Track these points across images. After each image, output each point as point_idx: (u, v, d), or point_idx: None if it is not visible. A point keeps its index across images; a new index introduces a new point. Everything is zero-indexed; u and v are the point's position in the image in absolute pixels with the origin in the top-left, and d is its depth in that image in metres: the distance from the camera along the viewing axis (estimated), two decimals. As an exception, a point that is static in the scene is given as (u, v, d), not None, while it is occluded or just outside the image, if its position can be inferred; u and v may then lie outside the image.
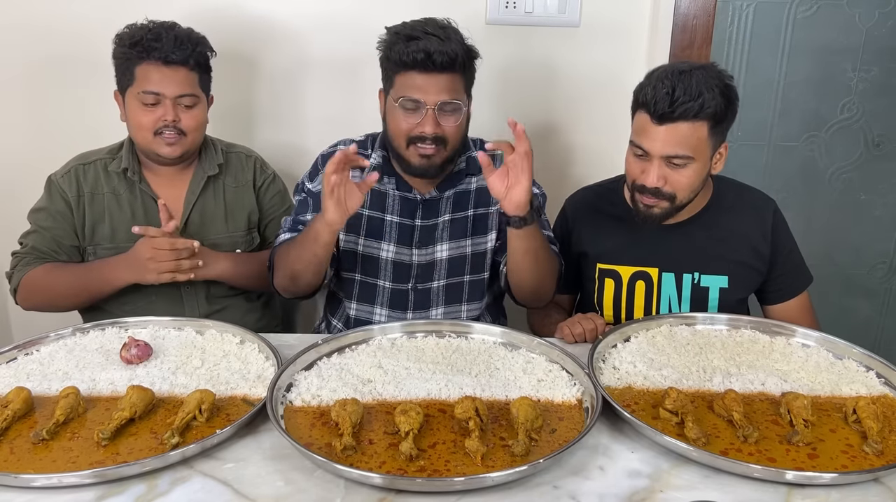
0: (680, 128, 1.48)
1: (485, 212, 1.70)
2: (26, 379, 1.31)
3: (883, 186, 2.39)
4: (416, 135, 1.55)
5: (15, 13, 2.05)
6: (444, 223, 1.68)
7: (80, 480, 1.05)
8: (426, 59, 1.49)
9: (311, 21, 2.08)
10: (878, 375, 1.34)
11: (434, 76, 1.51)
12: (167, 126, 1.66)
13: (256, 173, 1.86)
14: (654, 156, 1.51)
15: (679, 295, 1.66)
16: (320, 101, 2.15)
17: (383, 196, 1.68)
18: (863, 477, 1.07)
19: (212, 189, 1.80)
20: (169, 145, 1.68)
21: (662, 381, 1.30)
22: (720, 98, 1.48)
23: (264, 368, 1.36)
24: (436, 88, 1.52)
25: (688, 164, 1.51)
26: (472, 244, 1.71)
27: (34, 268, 1.70)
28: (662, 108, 1.46)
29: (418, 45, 1.49)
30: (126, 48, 1.65)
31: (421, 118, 1.53)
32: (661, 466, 1.11)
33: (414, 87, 1.52)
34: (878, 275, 2.50)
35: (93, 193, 1.75)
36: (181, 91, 1.66)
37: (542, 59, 2.12)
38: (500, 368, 1.35)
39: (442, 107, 1.53)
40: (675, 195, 1.55)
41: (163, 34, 1.64)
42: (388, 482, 1.04)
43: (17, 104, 2.13)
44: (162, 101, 1.65)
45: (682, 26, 2.08)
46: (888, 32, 2.23)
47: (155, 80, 1.64)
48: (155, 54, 1.63)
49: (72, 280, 1.70)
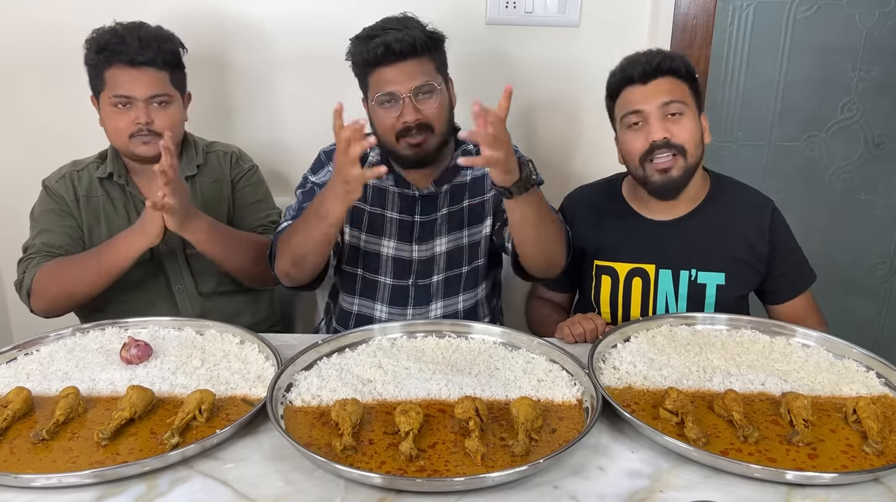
0: (664, 83, 1.56)
1: (480, 201, 1.70)
2: (26, 379, 1.31)
3: (883, 186, 2.39)
4: (401, 129, 1.55)
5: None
6: (443, 217, 1.69)
7: (80, 480, 1.05)
8: (387, 51, 1.51)
9: (292, 18, 2.08)
10: (878, 375, 1.34)
11: (400, 65, 1.52)
12: (141, 129, 1.65)
13: (232, 166, 1.85)
14: (651, 111, 1.55)
15: (676, 292, 1.66)
16: (298, 98, 2.15)
17: (383, 192, 1.68)
18: (863, 477, 1.07)
19: (191, 189, 1.78)
20: (145, 144, 1.67)
21: (662, 381, 1.30)
22: (686, 61, 1.61)
23: (264, 368, 1.36)
24: (404, 76, 1.53)
25: (684, 113, 1.56)
26: (469, 235, 1.71)
27: (43, 265, 1.66)
28: (643, 68, 1.56)
29: (377, 41, 1.51)
30: (94, 54, 1.65)
31: (400, 109, 1.54)
32: (661, 466, 1.11)
33: (384, 80, 1.53)
34: (878, 275, 2.51)
35: (88, 196, 1.75)
36: (151, 91, 1.65)
37: (542, 58, 2.12)
38: (500, 368, 1.35)
39: (416, 92, 1.54)
40: (684, 147, 1.56)
41: (126, 37, 1.63)
42: (388, 482, 1.04)
43: (3, 108, 2.13)
44: (133, 103, 1.64)
45: (682, 26, 2.08)
46: (888, 32, 2.23)
47: (124, 83, 1.63)
48: (121, 57, 1.62)
49: (84, 263, 1.65)
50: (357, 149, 1.31)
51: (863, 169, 2.37)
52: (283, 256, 1.55)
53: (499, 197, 1.63)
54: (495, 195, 1.69)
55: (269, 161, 2.12)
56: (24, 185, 1.86)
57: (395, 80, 1.53)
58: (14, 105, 2.14)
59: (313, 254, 1.51)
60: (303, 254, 1.50)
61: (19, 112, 2.14)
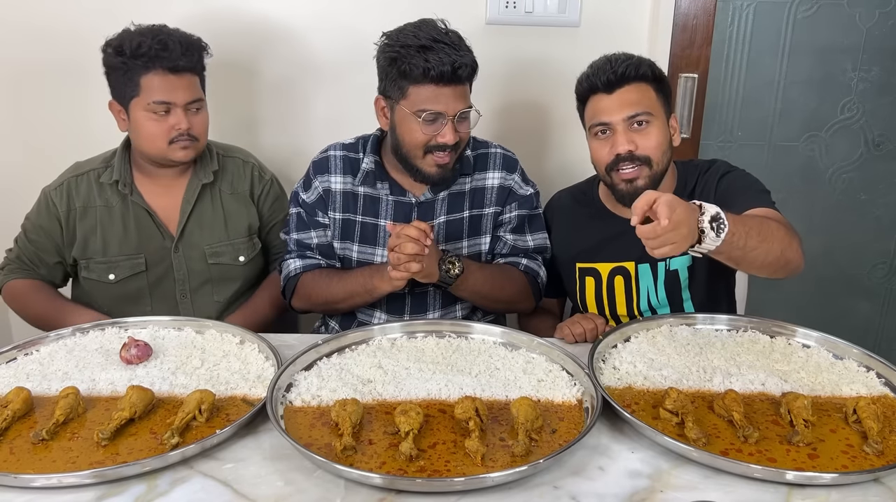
0: (629, 91, 1.55)
1: (479, 214, 1.71)
2: (26, 379, 1.31)
3: (883, 186, 2.39)
4: (434, 145, 1.55)
5: (6, 15, 2.04)
6: (440, 225, 1.68)
7: (79, 480, 1.05)
8: (451, 74, 1.49)
9: (309, 23, 2.08)
10: (878, 375, 1.34)
11: (453, 87, 1.51)
12: (181, 134, 1.65)
13: (254, 181, 1.83)
14: (616, 123, 1.55)
15: (655, 284, 1.67)
16: (321, 103, 2.15)
17: (376, 201, 1.67)
18: (863, 477, 1.07)
19: (209, 196, 1.78)
20: (184, 149, 1.67)
21: (662, 381, 1.30)
22: (651, 64, 1.59)
23: (264, 368, 1.35)
24: (454, 99, 1.52)
25: (650, 122, 1.56)
26: (469, 246, 1.72)
27: (17, 279, 1.76)
28: (607, 77, 1.55)
29: (437, 57, 1.47)
30: (126, 58, 1.60)
31: (440, 128, 1.53)
32: (662, 466, 1.11)
33: (433, 99, 1.51)
34: (878, 275, 2.50)
35: (85, 207, 1.74)
36: (190, 97, 1.65)
37: (542, 59, 2.11)
38: (500, 368, 1.35)
39: (459, 116, 1.54)
40: (649, 158, 1.56)
41: (169, 42, 1.60)
42: (388, 482, 1.04)
43: (9, 109, 2.13)
44: (172, 109, 1.63)
45: (682, 26, 2.08)
46: (888, 32, 2.23)
47: (164, 90, 1.62)
48: (163, 63, 1.60)
49: (43, 309, 1.73)
50: (415, 268, 1.43)
51: (863, 169, 2.37)
52: (310, 300, 1.69)
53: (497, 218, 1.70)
54: (495, 213, 1.71)
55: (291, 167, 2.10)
56: (26, 186, 1.86)
57: (444, 101, 1.51)
58: (19, 107, 2.14)
59: (349, 306, 1.69)
60: (339, 307, 1.69)
61: (23, 114, 2.14)
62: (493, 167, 1.71)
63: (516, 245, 1.73)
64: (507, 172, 1.71)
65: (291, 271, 1.69)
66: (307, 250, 1.70)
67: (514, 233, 1.73)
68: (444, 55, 1.48)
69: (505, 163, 1.71)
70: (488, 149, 1.73)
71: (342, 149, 1.70)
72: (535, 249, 1.75)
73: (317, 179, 1.68)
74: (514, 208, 1.72)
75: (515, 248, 1.73)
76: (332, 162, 1.68)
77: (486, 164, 1.71)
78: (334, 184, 1.67)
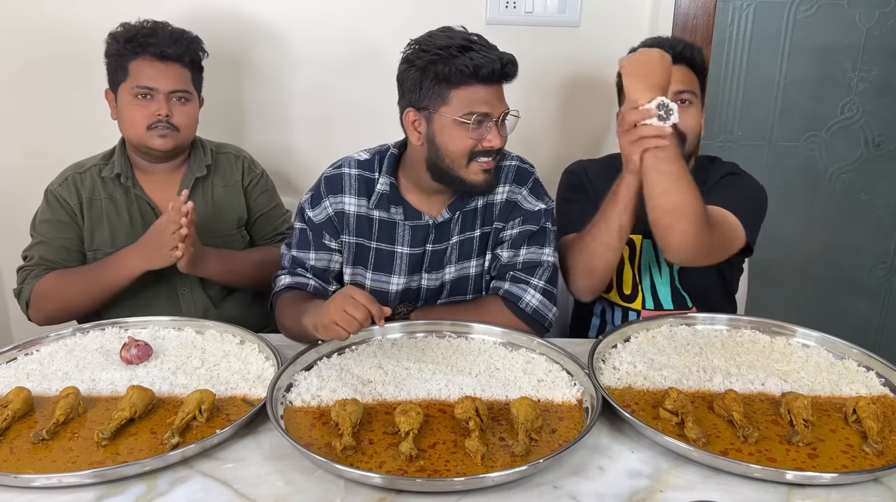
0: (680, 69, 1.59)
1: (488, 231, 1.61)
2: (26, 379, 1.31)
3: (883, 186, 2.40)
4: (480, 150, 1.45)
5: (8, 15, 2.05)
6: (454, 246, 1.59)
7: (80, 480, 1.05)
8: (501, 71, 1.40)
9: (307, 25, 2.08)
10: (878, 375, 1.34)
11: (495, 88, 1.43)
12: (160, 121, 1.66)
13: (245, 172, 1.86)
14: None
15: (658, 261, 1.69)
16: (308, 100, 2.15)
17: (392, 226, 1.57)
18: (863, 477, 1.07)
19: (200, 190, 1.79)
20: (161, 137, 1.67)
21: (662, 381, 1.30)
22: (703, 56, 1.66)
23: (264, 368, 1.36)
24: (499, 100, 1.44)
25: (693, 104, 1.61)
26: (475, 265, 1.63)
27: (43, 278, 1.68)
28: (673, 50, 1.52)
29: (481, 56, 1.39)
30: (120, 44, 1.65)
31: (486, 132, 1.43)
32: (662, 466, 1.11)
33: (480, 100, 1.41)
34: (878, 275, 2.51)
35: (91, 199, 1.74)
36: (175, 86, 1.67)
37: (542, 59, 2.12)
38: (500, 368, 1.35)
39: (503, 117, 1.46)
40: (685, 135, 1.58)
41: (158, 30, 1.65)
42: (388, 482, 1.04)
43: (12, 108, 2.13)
44: (155, 95, 1.65)
45: (682, 26, 2.09)
46: (888, 32, 2.23)
47: (149, 75, 1.65)
48: (150, 49, 1.64)
49: (84, 278, 1.68)
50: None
51: (863, 169, 2.37)
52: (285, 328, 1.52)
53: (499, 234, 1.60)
54: (496, 230, 1.60)
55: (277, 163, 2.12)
56: (28, 186, 1.86)
57: (491, 102, 1.42)
58: (20, 108, 2.13)
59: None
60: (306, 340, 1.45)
61: (23, 115, 2.14)
62: (504, 180, 1.58)
63: (507, 264, 1.59)
64: (516, 185, 1.58)
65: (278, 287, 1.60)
66: (300, 267, 1.59)
67: (511, 249, 1.58)
68: (487, 53, 1.41)
69: (516, 176, 1.59)
70: (504, 161, 1.61)
71: (357, 168, 1.56)
72: (524, 265, 1.57)
73: (328, 198, 1.55)
74: (516, 224, 1.57)
75: (504, 268, 1.59)
76: (347, 181, 1.56)
77: (499, 178, 1.58)
78: (348, 205, 1.56)
